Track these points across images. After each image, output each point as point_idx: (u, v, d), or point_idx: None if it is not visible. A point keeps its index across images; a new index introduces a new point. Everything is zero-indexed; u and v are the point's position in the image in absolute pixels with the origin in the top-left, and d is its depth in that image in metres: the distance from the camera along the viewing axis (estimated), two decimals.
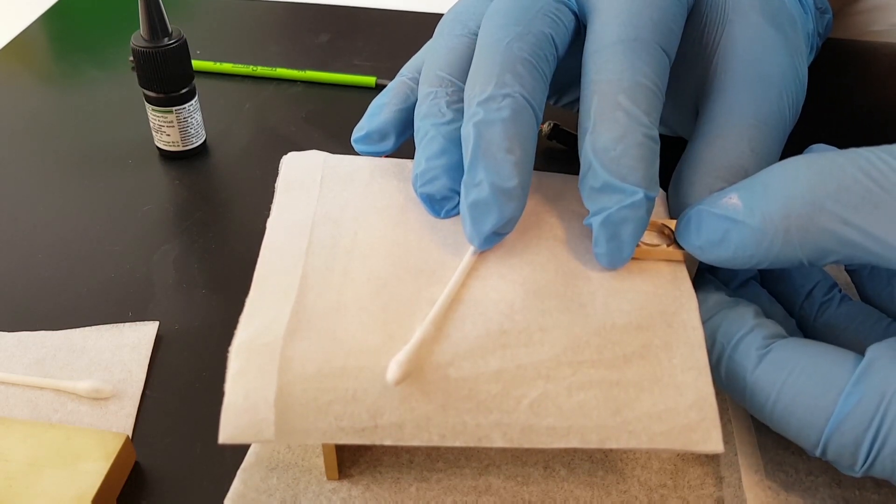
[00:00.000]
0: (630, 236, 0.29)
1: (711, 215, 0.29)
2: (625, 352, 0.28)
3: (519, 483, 0.31)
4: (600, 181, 0.29)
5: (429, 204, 0.32)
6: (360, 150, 0.35)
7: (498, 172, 0.29)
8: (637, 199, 0.29)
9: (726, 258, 0.29)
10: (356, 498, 0.30)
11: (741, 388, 0.28)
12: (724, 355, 0.29)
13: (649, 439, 0.26)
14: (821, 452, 0.27)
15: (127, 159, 0.48)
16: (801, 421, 0.27)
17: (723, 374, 0.29)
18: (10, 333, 0.37)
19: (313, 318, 0.28)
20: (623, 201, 0.29)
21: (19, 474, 0.29)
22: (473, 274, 0.29)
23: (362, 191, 0.33)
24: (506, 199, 0.29)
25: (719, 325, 0.29)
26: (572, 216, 0.32)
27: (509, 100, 0.30)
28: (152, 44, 0.44)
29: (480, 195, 0.29)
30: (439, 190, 0.31)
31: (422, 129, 0.32)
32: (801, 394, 0.26)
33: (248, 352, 0.26)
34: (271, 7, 0.65)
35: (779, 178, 0.27)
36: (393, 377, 0.26)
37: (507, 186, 0.29)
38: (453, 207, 0.32)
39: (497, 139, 0.29)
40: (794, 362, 0.27)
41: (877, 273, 0.31)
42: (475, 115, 0.30)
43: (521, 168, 0.29)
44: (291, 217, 0.31)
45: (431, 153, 0.32)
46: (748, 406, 0.28)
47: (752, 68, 0.34)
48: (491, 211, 0.29)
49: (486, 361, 0.27)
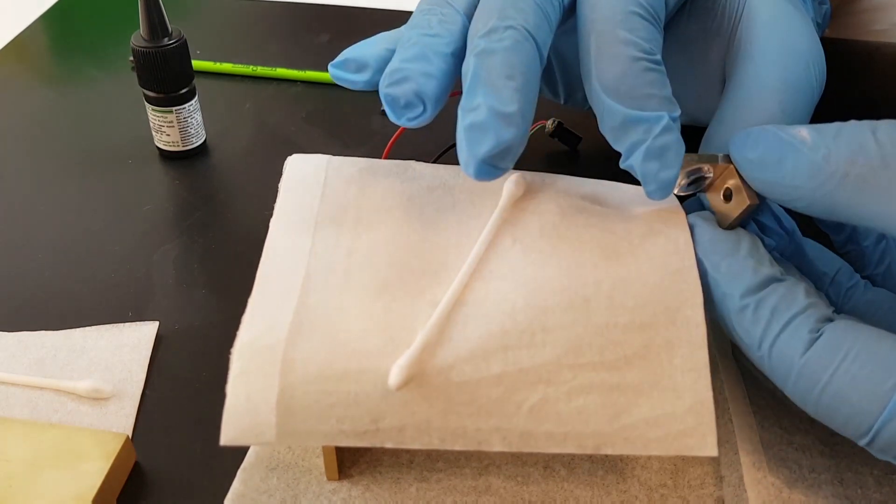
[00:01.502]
0: (675, 160, 0.29)
1: (776, 136, 0.28)
2: (626, 353, 0.28)
3: (519, 483, 0.31)
4: (619, 118, 0.29)
5: (391, 107, 0.31)
6: (334, 74, 0.34)
7: (497, 97, 0.28)
8: (665, 123, 0.28)
9: (773, 181, 0.28)
10: (356, 498, 0.30)
11: (787, 370, 0.27)
12: (773, 334, 0.27)
13: (644, 445, 0.26)
14: (870, 440, 0.26)
15: (127, 159, 0.48)
16: (853, 407, 0.26)
17: (771, 355, 0.27)
18: (10, 333, 0.37)
19: (316, 320, 0.28)
20: (654, 130, 0.28)
21: (19, 474, 0.29)
22: (476, 275, 0.29)
23: (365, 192, 0.33)
24: (504, 123, 0.28)
25: (771, 302, 0.28)
26: (576, 212, 0.32)
27: (511, 31, 0.29)
28: (152, 44, 0.44)
29: (477, 118, 0.28)
30: (405, 93, 0.30)
31: (405, 36, 0.32)
32: (856, 379, 0.25)
33: (251, 353, 0.26)
34: (271, 7, 0.65)
35: (854, 128, 0.27)
36: (395, 382, 0.26)
37: (506, 111, 0.28)
38: (415, 117, 0.31)
39: (497, 66, 0.29)
40: (848, 347, 0.26)
41: None
42: (476, 47, 0.29)
43: (521, 95, 0.29)
44: (294, 218, 0.31)
45: (407, 56, 0.31)
46: (791, 390, 0.27)
47: (778, 38, 0.33)
48: (488, 134, 0.28)
49: (488, 364, 0.27)
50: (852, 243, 0.33)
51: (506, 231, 0.31)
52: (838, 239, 0.33)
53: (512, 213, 0.32)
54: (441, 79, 0.31)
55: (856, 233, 0.32)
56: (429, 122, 0.32)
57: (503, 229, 0.31)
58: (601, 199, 0.33)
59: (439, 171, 0.34)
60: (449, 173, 0.34)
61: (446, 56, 0.31)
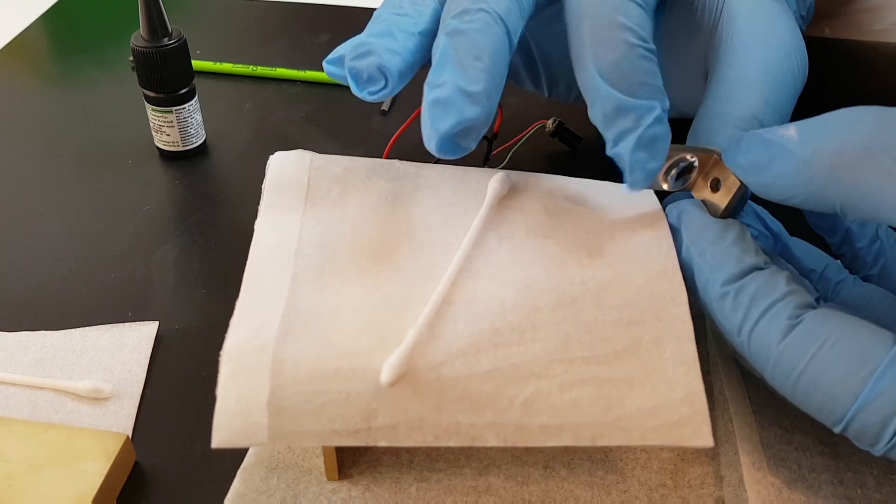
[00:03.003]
0: (662, 151, 0.29)
1: (763, 139, 0.28)
2: (616, 348, 0.28)
3: (519, 483, 0.31)
4: (612, 104, 0.29)
5: (354, 80, 0.31)
6: (329, 70, 0.35)
7: (463, 75, 0.29)
8: (658, 114, 0.29)
9: (766, 183, 0.28)
10: (356, 498, 0.30)
11: (766, 356, 0.27)
12: (752, 321, 0.28)
13: (641, 436, 0.26)
14: (842, 429, 0.26)
15: (127, 159, 0.48)
16: (826, 395, 0.26)
17: (749, 341, 0.28)
18: (10, 333, 0.37)
19: (305, 320, 0.28)
20: (645, 120, 0.28)
21: (19, 474, 0.29)
22: (464, 273, 0.29)
23: (350, 191, 0.33)
24: (469, 101, 0.28)
25: (750, 290, 0.28)
26: (560, 212, 0.32)
27: (482, 13, 0.30)
28: (152, 44, 0.44)
29: (442, 94, 0.29)
30: (368, 66, 0.31)
31: (376, 13, 0.32)
32: (830, 368, 0.26)
33: (240, 355, 0.26)
34: (271, 7, 0.65)
35: (840, 119, 0.27)
36: (387, 379, 0.26)
37: (471, 90, 0.28)
38: (376, 91, 0.31)
39: (466, 46, 0.29)
40: (826, 335, 0.26)
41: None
42: (447, 27, 0.30)
43: (487, 76, 0.29)
44: (279, 219, 0.31)
45: (373, 31, 0.31)
46: (769, 376, 0.28)
47: (760, 30, 0.33)
48: (451, 111, 0.28)
49: (479, 361, 0.27)
50: (847, 245, 0.33)
51: (492, 230, 0.31)
52: (833, 241, 0.33)
53: (497, 212, 0.32)
54: (405, 56, 0.31)
55: (850, 235, 0.33)
56: (390, 97, 0.32)
57: (489, 228, 0.31)
58: (585, 200, 0.33)
59: (423, 171, 0.34)
60: (433, 172, 0.34)
61: (412, 35, 0.32)
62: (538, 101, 0.48)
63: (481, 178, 0.34)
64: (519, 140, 0.46)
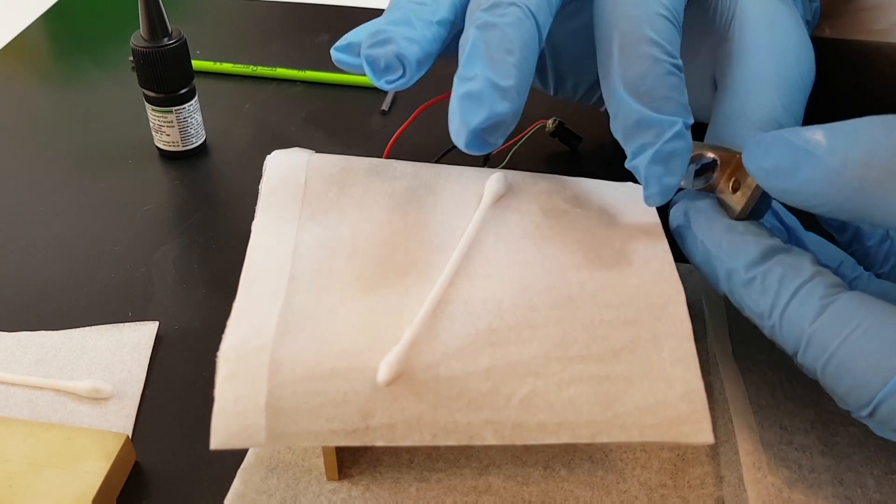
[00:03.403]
0: (680, 167, 0.29)
1: (788, 143, 0.27)
2: (613, 346, 0.28)
3: (519, 483, 0.31)
4: (634, 117, 0.29)
5: (371, 68, 0.31)
6: (337, 58, 0.34)
7: (495, 69, 0.28)
8: (679, 129, 0.28)
9: (789, 190, 0.27)
10: (356, 498, 0.30)
11: (799, 337, 0.27)
12: (783, 303, 0.27)
13: (640, 432, 0.26)
14: (869, 412, 0.26)
15: (127, 159, 0.48)
16: (857, 378, 0.26)
17: (781, 323, 0.27)
18: (10, 333, 0.37)
19: (302, 321, 0.28)
20: (665, 134, 0.28)
21: (19, 474, 0.29)
22: (461, 273, 0.29)
23: (347, 191, 0.33)
24: (500, 96, 0.28)
25: (778, 272, 0.27)
26: (557, 213, 0.32)
27: (514, 8, 0.29)
28: (152, 44, 0.44)
29: (473, 88, 0.28)
30: (386, 55, 0.30)
31: (392, 2, 0.32)
32: (863, 351, 0.25)
33: (237, 356, 0.26)
34: (271, 7, 0.65)
35: (871, 126, 0.26)
36: (384, 378, 0.26)
37: (502, 84, 0.28)
38: (394, 79, 0.31)
39: (497, 40, 0.29)
40: (860, 317, 0.26)
41: None
42: (477, 20, 0.29)
43: (519, 71, 0.29)
44: (276, 219, 0.31)
45: (391, 19, 0.31)
46: (801, 357, 0.27)
47: (772, 34, 0.33)
48: (482, 104, 0.28)
49: (476, 360, 0.27)
50: (857, 243, 0.33)
51: (489, 230, 0.31)
52: (843, 239, 0.33)
53: (494, 212, 0.32)
54: (423, 45, 0.31)
55: (860, 233, 0.32)
56: (408, 86, 0.31)
57: (486, 228, 0.31)
58: (583, 200, 0.33)
59: (421, 170, 0.34)
60: (430, 172, 0.34)
61: (431, 24, 0.31)
62: (538, 101, 0.48)
63: (479, 178, 0.34)
64: (519, 140, 0.46)
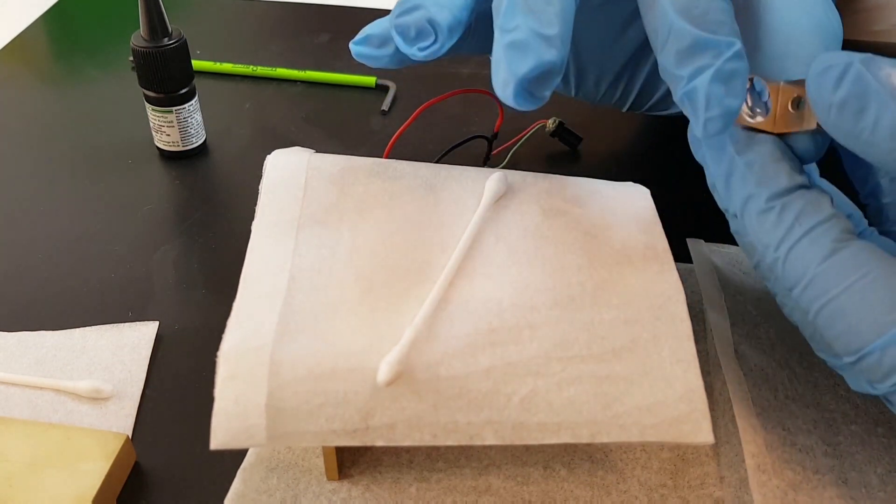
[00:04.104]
0: (741, 89, 0.27)
1: (864, 78, 0.24)
2: (613, 346, 0.28)
3: (519, 483, 0.31)
4: (688, 40, 0.27)
5: (402, 36, 0.30)
6: (356, 51, 0.33)
7: (537, 19, 0.27)
8: (738, 49, 0.27)
9: (849, 131, 0.25)
10: (356, 498, 0.30)
11: (801, 275, 0.26)
12: (795, 238, 0.26)
13: (640, 432, 0.26)
14: (854, 360, 0.26)
15: (127, 159, 0.48)
16: (851, 326, 0.25)
17: (787, 257, 0.26)
18: (10, 333, 0.37)
19: (302, 321, 0.27)
20: (725, 54, 0.27)
21: (19, 474, 0.29)
22: (461, 273, 0.29)
23: (347, 192, 0.33)
24: (546, 44, 0.27)
25: (796, 207, 0.26)
26: (557, 213, 0.32)
27: None
28: (152, 44, 0.44)
29: (518, 37, 0.27)
30: (416, 21, 0.30)
31: None
32: (865, 300, 0.25)
33: (237, 356, 0.26)
34: (271, 7, 0.65)
35: None
36: (384, 378, 0.26)
37: (546, 33, 0.27)
38: (427, 46, 0.30)
39: None
40: (869, 267, 0.25)
41: None
42: None
43: (561, 19, 0.28)
44: (277, 219, 0.31)
45: None
46: (795, 295, 0.26)
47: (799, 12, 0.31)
48: (529, 53, 0.27)
49: (476, 360, 0.27)
50: (873, 198, 0.32)
51: (489, 230, 0.31)
52: (863, 191, 0.32)
53: (494, 212, 0.32)
54: (454, 10, 0.30)
55: (878, 188, 0.31)
56: (440, 53, 0.31)
57: (486, 228, 0.31)
58: (583, 200, 0.33)
59: (421, 170, 0.34)
60: (430, 172, 0.34)
61: None
62: None
63: (479, 177, 0.34)
64: (519, 140, 0.46)
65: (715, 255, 0.39)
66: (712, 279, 0.38)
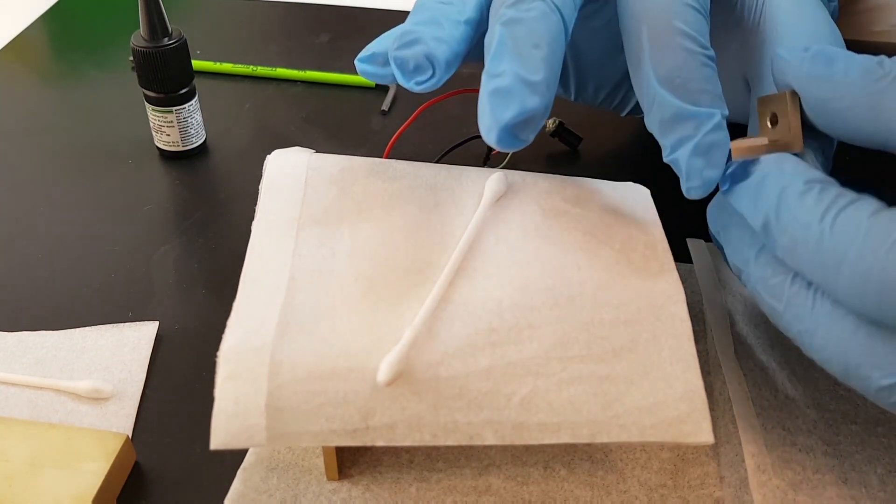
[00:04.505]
0: (720, 160, 0.28)
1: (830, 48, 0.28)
2: (613, 346, 0.28)
3: (519, 483, 0.31)
4: (671, 111, 0.28)
5: (400, 70, 0.30)
6: (362, 69, 0.34)
7: (523, 64, 0.28)
8: (717, 122, 0.28)
9: (823, 76, 0.27)
10: (356, 498, 0.30)
11: (854, 233, 0.25)
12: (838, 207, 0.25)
13: (640, 432, 0.26)
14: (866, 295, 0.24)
15: (127, 159, 0.48)
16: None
17: (833, 225, 0.25)
18: (10, 333, 0.37)
19: (302, 321, 0.27)
20: (704, 127, 0.28)
21: (19, 474, 0.29)
22: (461, 273, 0.29)
23: (347, 192, 0.33)
24: (529, 90, 0.28)
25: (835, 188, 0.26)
26: (557, 213, 0.32)
27: (538, 2, 0.29)
28: (152, 44, 0.44)
29: (502, 83, 0.28)
30: (415, 55, 0.30)
31: (419, 2, 0.31)
32: None
33: (237, 356, 0.26)
34: (271, 7, 0.65)
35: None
36: (384, 378, 0.26)
37: (532, 79, 0.28)
38: (424, 80, 0.30)
39: (524, 35, 0.28)
40: None
41: None
42: (503, 17, 0.29)
43: (547, 65, 0.28)
44: (276, 220, 0.31)
45: (420, 19, 0.31)
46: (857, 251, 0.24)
47: (801, 27, 0.33)
48: (513, 100, 0.28)
49: (476, 360, 0.27)
50: None
51: (489, 230, 0.31)
52: None
53: (494, 212, 0.32)
54: (452, 45, 0.31)
55: None
56: (437, 87, 0.31)
57: (486, 228, 0.31)
58: (583, 200, 0.33)
59: (421, 170, 0.34)
60: (430, 172, 0.34)
61: (458, 23, 0.31)
62: None
63: (479, 178, 0.34)
64: None
65: (715, 256, 0.39)
66: (712, 279, 0.38)
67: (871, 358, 0.25)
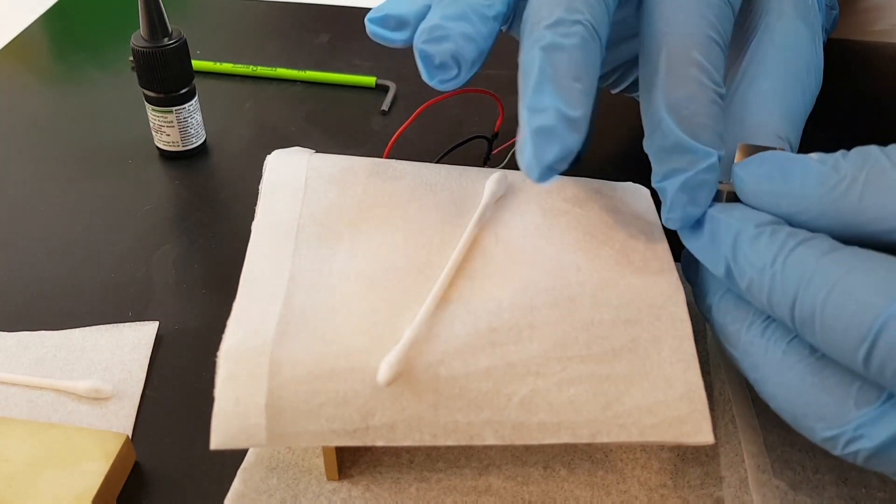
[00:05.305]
0: (706, 199, 0.28)
1: (783, 156, 0.28)
2: (613, 346, 0.28)
3: (519, 483, 0.31)
4: (672, 140, 0.28)
5: (424, 64, 0.30)
6: (372, 30, 0.33)
7: (566, 100, 0.28)
8: (712, 163, 0.28)
9: (780, 192, 0.27)
10: (356, 498, 0.30)
11: (801, 274, 0.25)
12: (789, 248, 0.26)
13: (640, 432, 0.26)
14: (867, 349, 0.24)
15: (127, 159, 0.48)
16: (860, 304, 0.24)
17: (786, 264, 0.26)
18: (10, 333, 0.37)
19: (302, 321, 0.27)
20: (699, 164, 0.28)
21: (19, 474, 0.29)
22: (461, 273, 0.29)
23: (347, 191, 0.33)
24: (571, 128, 0.28)
25: (786, 230, 0.27)
26: (557, 213, 0.32)
27: (579, 27, 0.29)
28: (152, 44, 0.44)
29: (547, 122, 0.27)
30: (441, 53, 0.29)
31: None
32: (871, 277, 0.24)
33: (237, 356, 0.26)
34: (271, 7, 0.65)
35: (861, 147, 0.26)
36: (384, 378, 0.26)
37: (572, 115, 0.28)
38: (448, 79, 0.30)
39: (565, 66, 0.28)
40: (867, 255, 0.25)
41: None
42: (542, 39, 0.28)
43: (587, 99, 0.28)
44: (277, 219, 0.31)
45: (449, 14, 0.30)
46: (801, 294, 0.25)
47: (784, 61, 0.33)
48: (556, 140, 0.27)
49: (476, 359, 0.27)
50: None
51: (489, 230, 0.31)
52: None
53: (495, 212, 0.32)
54: (479, 42, 0.30)
55: None
56: (459, 86, 0.31)
57: (486, 228, 0.31)
58: (582, 200, 0.33)
59: (420, 170, 0.34)
60: (430, 172, 0.34)
61: (487, 19, 0.31)
62: None
63: (479, 177, 0.34)
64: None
65: None
66: None
67: (816, 409, 0.25)
